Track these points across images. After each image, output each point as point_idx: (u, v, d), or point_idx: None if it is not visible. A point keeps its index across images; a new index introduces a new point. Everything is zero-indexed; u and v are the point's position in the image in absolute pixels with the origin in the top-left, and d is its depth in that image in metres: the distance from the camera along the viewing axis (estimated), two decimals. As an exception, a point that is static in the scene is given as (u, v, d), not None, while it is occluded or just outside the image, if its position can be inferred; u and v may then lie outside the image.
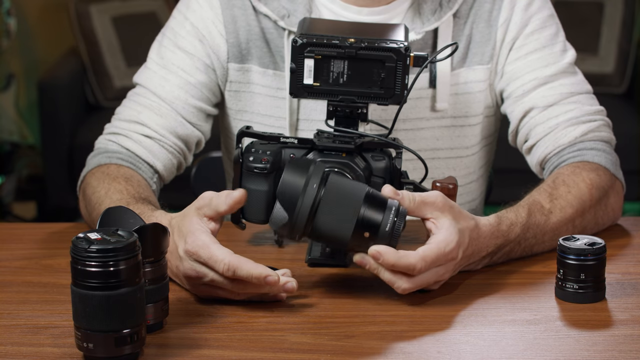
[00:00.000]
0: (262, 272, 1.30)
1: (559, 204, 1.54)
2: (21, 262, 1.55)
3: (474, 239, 1.41)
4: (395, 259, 1.32)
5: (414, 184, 1.49)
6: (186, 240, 1.34)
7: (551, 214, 1.53)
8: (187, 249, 1.34)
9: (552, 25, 1.76)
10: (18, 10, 4.29)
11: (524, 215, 1.50)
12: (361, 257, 1.34)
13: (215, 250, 1.32)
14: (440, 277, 1.37)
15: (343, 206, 1.33)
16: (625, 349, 1.24)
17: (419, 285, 1.36)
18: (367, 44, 1.46)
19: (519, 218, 1.49)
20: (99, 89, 4.32)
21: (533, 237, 1.51)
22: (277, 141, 1.50)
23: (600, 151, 1.66)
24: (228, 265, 1.31)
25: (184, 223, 1.37)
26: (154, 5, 4.47)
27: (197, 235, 1.34)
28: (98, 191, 1.59)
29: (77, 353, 1.22)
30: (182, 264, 1.35)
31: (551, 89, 1.71)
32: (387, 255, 1.32)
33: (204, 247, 1.32)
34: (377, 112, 1.71)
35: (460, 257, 1.38)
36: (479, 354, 1.24)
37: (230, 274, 1.31)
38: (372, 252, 1.32)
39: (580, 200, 1.57)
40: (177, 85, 1.72)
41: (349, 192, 1.34)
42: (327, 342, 1.27)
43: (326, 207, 1.32)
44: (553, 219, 1.53)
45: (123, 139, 1.70)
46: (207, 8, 1.73)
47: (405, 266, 1.33)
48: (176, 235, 1.37)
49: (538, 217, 1.51)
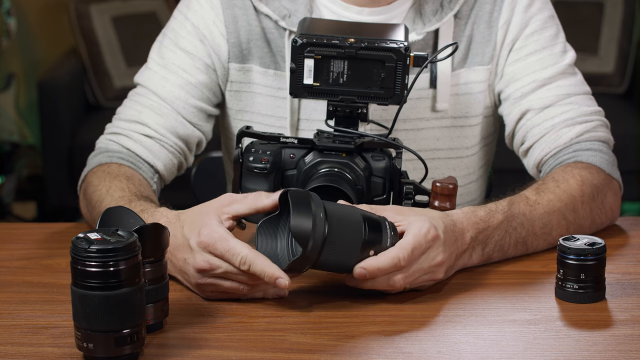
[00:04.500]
0: (275, 273, 1.31)
1: (546, 197, 1.55)
2: (21, 262, 1.55)
3: (448, 224, 1.41)
4: (378, 262, 1.33)
5: (414, 184, 1.49)
6: (200, 233, 1.35)
7: (538, 204, 1.53)
8: (201, 240, 1.34)
9: (552, 26, 1.76)
10: (18, 10, 4.29)
11: (505, 204, 1.50)
12: (355, 284, 1.36)
13: (234, 243, 1.34)
14: (431, 259, 1.37)
15: (347, 239, 1.33)
16: (625, 349, 1.24)
17: (416, 276, 1.35)
18: (367, 44, 1.46)
19: (499, 206, 1.50)
20: (99, 89, 4.32)
21: (521, 226, 1.50)
22: (277, 141, 1.50)
23: (596, 151, 1.66)
24: (245, 258, 1.32)
25: (199, 218, 1.37)
26: (154, 5, 4.47)
27: (214, 228, 1.35)
28: (99, 190, 1.59)
29: (77, 353, 1.22)
30: (193, 256, 1.36)
31: (548, 90, 1.71)
32: (370, 263, 1.33)
33: (222, 240, 1.34)
34: (377, 112, 1.71)
35: (443, 237, 1.38)
36: (479, 354, 1.24)
37: (245, 267, 1.32)
38: (358, 273, 1.33)
39: (570, 195, 1.57)
40: (178, 85, 1.72)
41: (348, 222, 1.33)
42: (327, 342, 1.27)
43: (331, 242, 1.31)
44: (540, 210, 1.53)
45: (124, 139, 1.70)
46: (207, 8, 1.74)
47: (390, 262, 1.33)
48: (187, 228, 1.38)
49: (522, 206, 1.51)
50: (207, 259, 1.35)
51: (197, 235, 1.35)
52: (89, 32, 4.33)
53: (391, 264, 1.33)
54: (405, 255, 1.34)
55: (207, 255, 1.35)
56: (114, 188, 1.57)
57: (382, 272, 1.34)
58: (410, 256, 1.34)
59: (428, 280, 1.39)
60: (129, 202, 1.51)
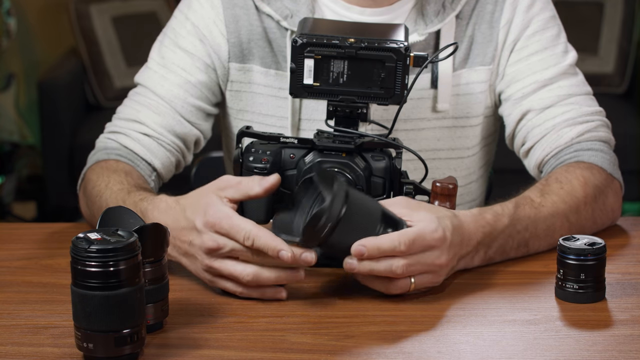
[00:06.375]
0: (278, 246, 1.32)
1: (550, 199, 1.54)
2: (21, 262, 1.55)
3: (456, 225, 1.41)
4: (377, 241, 1.32)
5: (414, 184, 1.49)
6: (206, 213, 1.36)
7: (542, 207, 1.53)
8: (207, 220, 1.35)
9: (553, 26, 1.76)
10: (18, 10, 4.29)
11: (511, 207, 1.50)
12: (350, 263, 1.34)
13: (237, 220, 1.35)
14: (435, 258, 1.36)
15: (362, 226, 1.33)
16: (625, 349, 1.24)
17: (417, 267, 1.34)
18: (367, 44, 1.46)
19: (505, 209, 1.49)
20: (99, 89, 4.32)
21: (525, 229, 1.50)
22: (277, 141, 1.50)
23: (597, 151, 1.66)
24: (249, 234, 1.33)
25: (201, 199, 1.38)
26: (154, 5, 4.47)
27: (219, 207, 1.36)
28: (98, 185, 1.60)
29: (77, 353, 1.22)
30: (200, 237, 1.36)
31: (549, 91, 1.71)
32: (369, 241, 1.32)
33: (226, 218, 1.34)
34: (378, 112, 1.71)
35: (450, 238, 1.38)
36: (479, 354, 1.24)
37: (249, 243, 1.33)
38: (356, 250, 1.32)
39: (573, 197, 1.57)
40: (177, 84, 1.72)
41: (367, 212, 1.34)
42: (327, 342, 1.27)
43: (346, 224, 1.31)
44: (544, 212, 1.53)
45: (122, 137, 1.70)
46: (208, 8, 1.74)
47: (389, 243, 1.32)
48: (189, 211, 1.38)
49: (527, 209, 1.51)
50: (214, 238, 1.35)
51: (202, 215, 1.36)
52: (89, 32, 4.33)
53: (390, 245, 1.33)
54: (405, 241, 1.33)
55: (214, 235, 1.35)
56: (113, 182, 1.58)
57: (380, 253, 1.33)
58: (411, 244, 1.33)
59: (429, 281, 1.38)
60: (128, 194, 1.52)
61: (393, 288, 1.37)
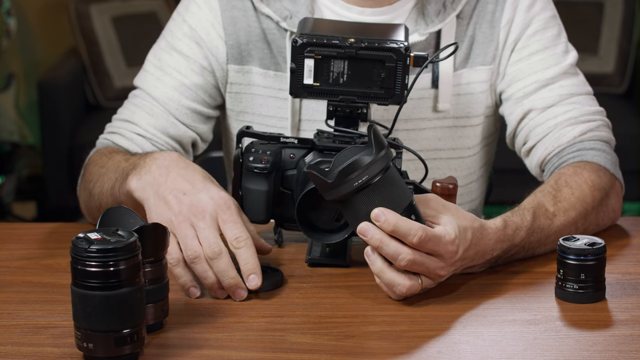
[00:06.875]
0: (240, 284, 1.38)
1: (562, 207, 1.54)
2: (21, 262, 1.55)
3: (477, 239, 1.40)
4: (397, 217, 1.30)
5: (414, 184, 1.49)
6: (227, 203, 1.43)
7: (555, 217, 1.53)
8: (224, 204, 1.42)
9: (554, 26, 1.76)
10: (18, 10, 4.29)
11: (529, 219, 1.49)
12: (365, 225, 1.32)
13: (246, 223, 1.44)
14: (438, 268, 1.35)
15: (387, 202, 1.31)
16: (625, 349, 1.24)
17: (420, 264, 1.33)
18: (367, 44, 1.46)
19: (524, 222, 1.48)
20: (99, 89, 4.32)
21: (537, 240, 1.51)
22: (277, 141, 1.50)
23: (599, 151, 1.66)
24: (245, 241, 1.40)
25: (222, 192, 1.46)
26: (154, 5, 4.47)
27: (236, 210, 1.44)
28: (96, 170, 1.64)
29: (77, 353, 1.22)
30: (196, 195, 1.43)
31: (551, 90, 1.71)
32: (389, 215, 1.30)
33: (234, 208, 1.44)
34: (379, 112, 1.71)
35: (461, 254, 1.37)
36: (479, 354, 1.24)
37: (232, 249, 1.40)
38: (376, 213, 1.30)
39: (584, 203, 1.57)
40: (172, 86, 1.72)
41: (396, 193, 1.32)
42: (327, 342, 1.27)
43: (370, 193, 1.30)
44: (557, 223, 1.52)
45: (117, 137, 1.71)
46: (206, 10, 1.73)
47: (406, 226, 1.31)
48: (208, 181, 1.48)
49: (542, 220, 1.51)
50: (213, 234, 1.39)
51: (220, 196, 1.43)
52: (89, 32, 4.33)
53: (406, 229, 1.31)
54: (421, 235, 1.31)
55: (214, 231, 1.40)
56: (112, 161, 1.61)
57: (394, 230, 1.30)
58: (424, 241, 1.32)
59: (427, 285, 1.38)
60: (127, 161, 1.56)
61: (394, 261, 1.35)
